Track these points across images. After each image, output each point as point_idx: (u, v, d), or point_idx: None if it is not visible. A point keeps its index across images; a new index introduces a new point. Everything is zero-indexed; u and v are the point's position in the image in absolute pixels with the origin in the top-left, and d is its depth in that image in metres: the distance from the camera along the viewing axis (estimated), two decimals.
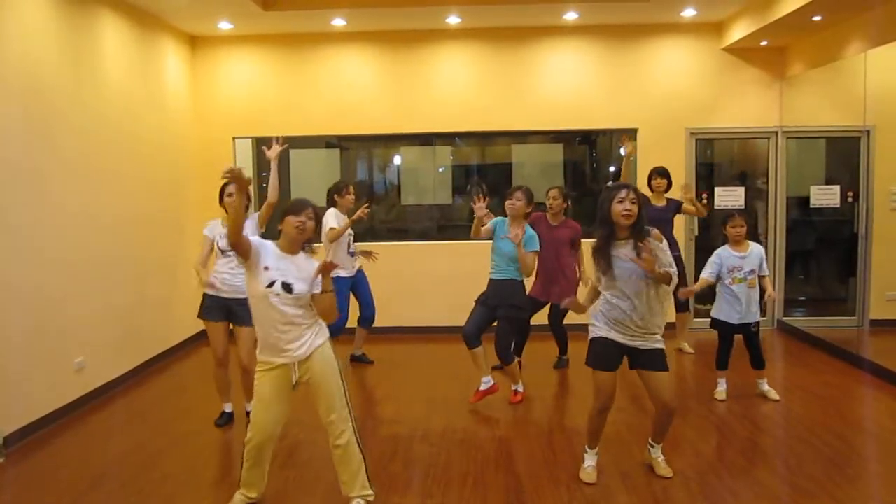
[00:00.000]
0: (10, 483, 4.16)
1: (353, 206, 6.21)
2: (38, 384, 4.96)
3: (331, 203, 6.11)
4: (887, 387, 5.66)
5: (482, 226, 5.28)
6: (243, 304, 4.29)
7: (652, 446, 4.11)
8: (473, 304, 5.37)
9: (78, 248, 5.48)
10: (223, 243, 4.88)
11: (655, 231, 3.79)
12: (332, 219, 5.97)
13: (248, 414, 4.67)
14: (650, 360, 3.80)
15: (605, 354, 3.84)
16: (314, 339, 3.57)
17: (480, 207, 5.21)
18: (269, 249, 3.52)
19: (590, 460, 4.07)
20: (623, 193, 3.67)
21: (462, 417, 5.16)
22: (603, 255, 3.75)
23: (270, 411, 3.55)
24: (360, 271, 6.34)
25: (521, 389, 5.49)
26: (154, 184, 6.79)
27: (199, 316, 5.02)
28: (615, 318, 3.79)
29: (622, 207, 3.65)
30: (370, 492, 3.65)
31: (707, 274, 5.28)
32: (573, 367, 6.31)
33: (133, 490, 3.98)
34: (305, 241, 3.58)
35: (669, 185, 6.51)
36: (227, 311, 4.88)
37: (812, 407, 5.22)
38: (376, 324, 6.50)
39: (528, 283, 5.41)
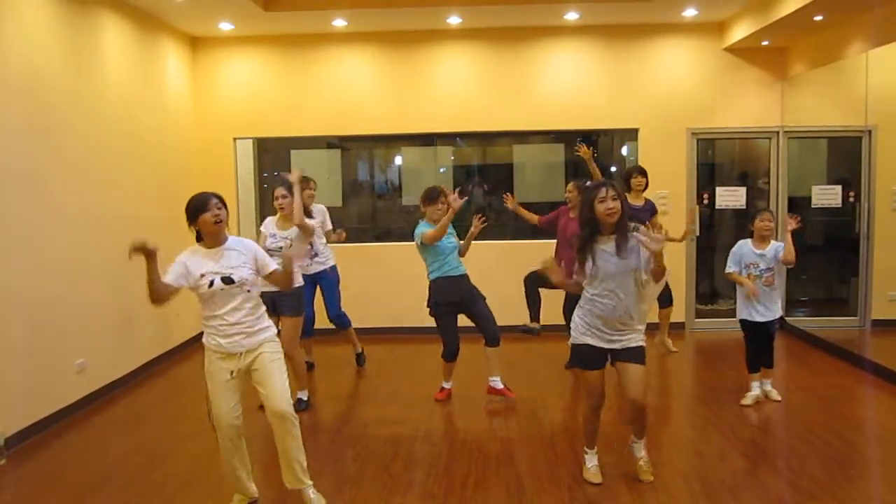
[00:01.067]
0: (11, 485, 4.16)
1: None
2: (39, 386, 4.96)
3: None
4: (889, 387, 5.65)
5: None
6: (285, 296, 4.91)
7: (634, 442, 4.08)
8: (435, 314, 5.35)
9: (78, 249, 5.48)
10: (269, 242, 5.23)
11: (641, 227, 3.79)
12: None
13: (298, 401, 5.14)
14: (628, 355, 3.82)
15: (588, 356, 3.87)
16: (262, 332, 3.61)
17: (455, 199, 5.13)
18: (194, 259, 3.53)
19: (591, 460, 4.07)
20: (603, 192, 3.69)
21: (464, 418, 5.16)
22: (588, 251, 3.76)
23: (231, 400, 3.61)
24: (326, 270, 6.18)
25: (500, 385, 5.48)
26: (154, 185, 6.79)
27: None
28: (598, 315, 3.78)
29: (604, 207, 3.68)
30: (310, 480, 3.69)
31: (733, 269, 5.23)
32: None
33: (134, 491, 3.98)
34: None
35: (647, 184, 6.48)
36: (271, 304, 4.80)
37: (814, 407, 5.21)
38: (379, 324, 6.48)
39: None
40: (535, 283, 6.15)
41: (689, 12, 7.13)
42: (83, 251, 5.53)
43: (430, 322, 7.55)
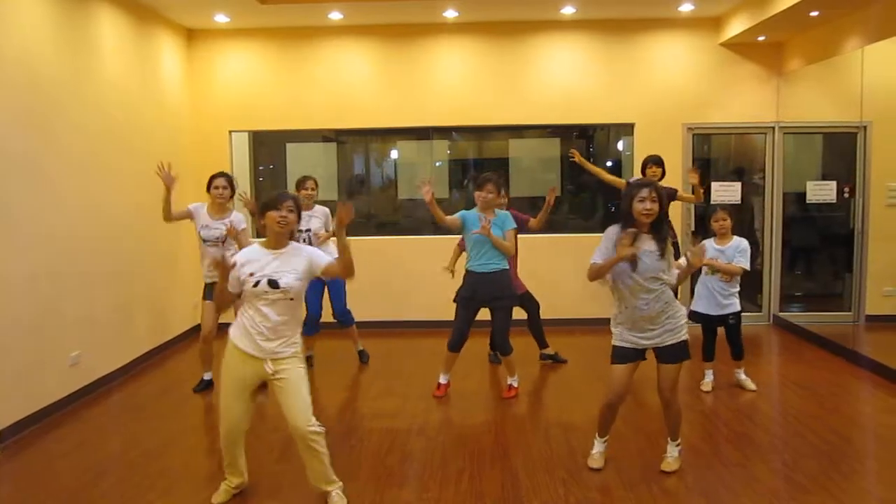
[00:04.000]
0: (5, 478, 4.16)
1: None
2: (33, 378, 4.95)
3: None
4: (883, 382, 5.68)
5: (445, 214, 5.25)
6: None
7: (668, 444, 4.12)
8: (456, 303, 5.34)
9: (73, 241, 5.46)
10: (206, 233, 5.46)
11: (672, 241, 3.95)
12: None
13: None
14: (666, 355, 3.89)
15: (624, 354, 3.91)
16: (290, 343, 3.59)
17: (428, 191, 5.11)
18: (252, 254, 3.54)
19: (598, 447, 4.13)
20: (644, 193, 3.72)
21: (459, 412, 5.17)
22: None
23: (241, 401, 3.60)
24: None
25: (515, 384, 5.48)
26: (150, 177, 6.69)
27: (203, 298, 5.59)
28: (635, 314, 3.82)
29: (643, 207, 3.71)
30: (339, 481, 3.70)
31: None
32: (571, 364, 6.31)
33: (130, 484, 3.98)
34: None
35: (664, 173, 6.49)
36: None
37: (807, 402, 5.23)
38: (375, 318, 6.48)
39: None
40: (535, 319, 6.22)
41: (686, 7, 7.13)
42: (78, 244, 5.52)
43: (427, 316, 7.65)
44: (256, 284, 3.44)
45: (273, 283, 3.44)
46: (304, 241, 5.89)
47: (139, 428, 4.95)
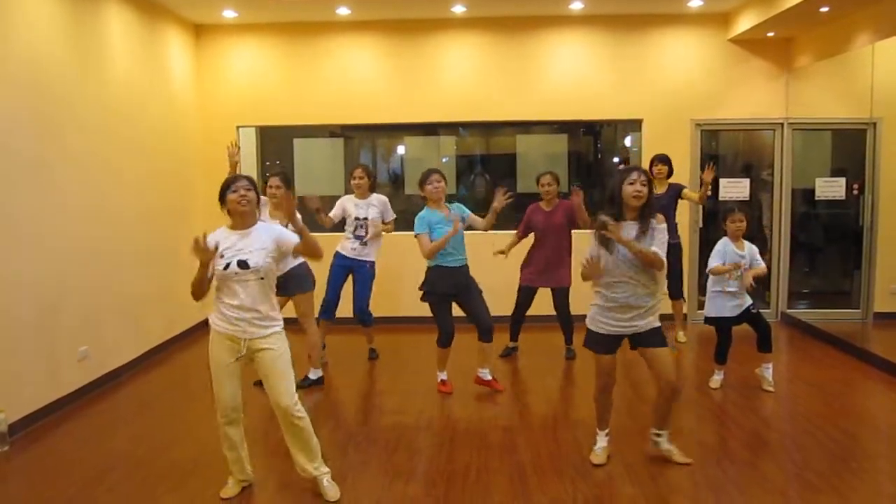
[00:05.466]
0: (14, 472, 4.18)
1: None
2: (42, 373, 4.97)
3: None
4: (892, 380, 5.65)
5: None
6: (289, 276, 5.19)
7: (658, 435, 4.10)
8: (429, 300, 5.34)
9: (82, 237, 5.47)
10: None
11: (659, 215, 3.88)
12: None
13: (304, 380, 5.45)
14: (648, 338, 3.88)
15: (603, 341, 3.94)
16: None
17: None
18: (219, 236, 3.56)
19: (600, 441, 4.13)
20: (634, 176, 3.77)
21: (466, 408, 5.17)
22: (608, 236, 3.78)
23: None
24: (366, 264, 6.15)
25: (489, 377, 5.49)
26: (158, 173, 6.79)
27: None
28: (614, 301, 3.83)
29: (633, 189, 3.75)
30: (327, 468, 3.75)
31: (720, 263, 5.26)
32: (578, 360, 6.30)
33: (138, 478, 3.99)
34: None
35: (671, 172, 6.48)
36: (280, 286, 4.81)
37: (816, 400, 5.21)
38: (381, 313, 6.47)
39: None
40: (564, 305, 6.24)
41: (695, 3, 7.10)
42: (87, 240, 5.53)
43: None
44: (227, 267, 3.47)
45: (243, 264, 3.47)
46: (362, 228, 5.92)
47: (147, 423, 4.97)
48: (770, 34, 7.35)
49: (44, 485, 3.96)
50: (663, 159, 6.46)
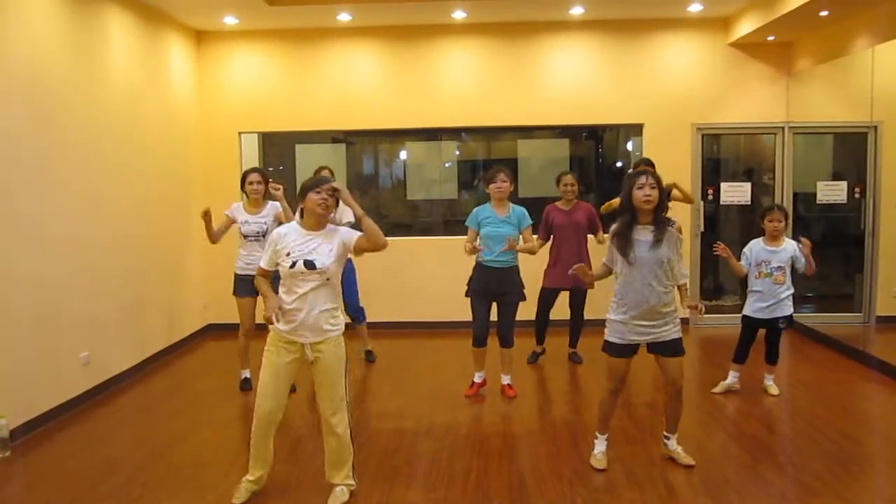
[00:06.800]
0: (15, 477, 4.19)
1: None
2: (44, 378, 4.98)
3: None
4: (892, 383, 5.64)
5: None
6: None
7: (668, 438, 4.16)
8: (469, 297, 5.34)
9: (84, 242, 5.50)
10: (245, 229, 5.50)
11: (678, 223, 3.92)
12: None
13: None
14: (670, 347, 3.93)
15: (620, 348, 3.96)
16: (332, 326, 3.62)
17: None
18: (290, 234, 3.58)
19: (600, 446, 4.14)
20: (643, 180, 3.77)
21: (466, 412, 5.17)
22: (625, 239, 3.82)
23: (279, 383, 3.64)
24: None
25: (510, 382, 5.49)
26: (159, 179, 6.81)
27: (233, 293, 5.64)
28: (632, 306, 3.85)
29: (642, 193, 3.75)
30: (353, 482, 3.75)
31: (743, 263, 5.26)
32: (583, 363, 6.29)
33: (139, 483, 4.00)
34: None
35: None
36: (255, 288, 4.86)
37: (817, 403, 5.20)
38: (383, 318, 6.48)
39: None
40: (580, 305, 6.25)
41: (695, 7, 7.11)
42: (88, 245, 5.55)
43: (436, 316, 7.66)
44: (293, 265, 3.48)
45: (309, 264, 3.48)
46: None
47: (149, 427, 4.98)
48: (770, 38, 7.36)
49: (45, 490, 3.97)
50: (648, 163, 6.44)
